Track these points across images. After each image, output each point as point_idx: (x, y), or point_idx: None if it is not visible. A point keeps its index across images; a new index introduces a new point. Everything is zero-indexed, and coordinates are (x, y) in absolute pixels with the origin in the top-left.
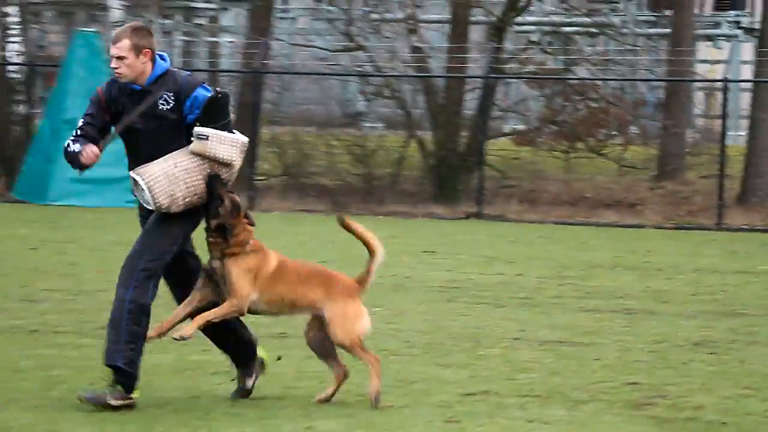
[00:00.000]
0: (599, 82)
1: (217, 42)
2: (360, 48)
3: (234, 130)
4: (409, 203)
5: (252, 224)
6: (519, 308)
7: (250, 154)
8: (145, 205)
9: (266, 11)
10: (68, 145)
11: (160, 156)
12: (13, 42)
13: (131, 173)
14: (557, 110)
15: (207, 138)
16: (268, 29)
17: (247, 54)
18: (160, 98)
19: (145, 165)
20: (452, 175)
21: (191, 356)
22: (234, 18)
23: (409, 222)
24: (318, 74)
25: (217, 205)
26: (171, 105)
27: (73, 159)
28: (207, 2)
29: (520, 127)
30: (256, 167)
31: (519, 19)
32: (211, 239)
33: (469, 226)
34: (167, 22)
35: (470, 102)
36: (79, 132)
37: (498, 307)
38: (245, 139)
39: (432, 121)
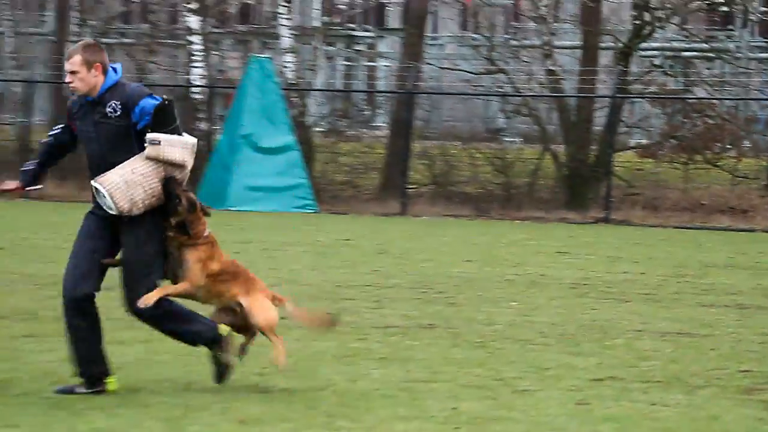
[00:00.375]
0: (715, 102)
1: (374, 66)
2: (501, 71)
3: (183, 133)
4: (544, 209)
5: (207, 214)
6: (642, 303)
7: (403, 165)
8: (108, 211)
9: (418, 39)
10: (46, 141)
11: (114, 159)
12: (197, 67)
13: (92, 182)
14: (677, 126)
15: (159, 143)
16: (419, 54)
17: (401, 76)
18: (108, 107)
19: (105, 174)
20: (583, 184)
21: (351, 344)
22: (390, 44)
23: (544, 226)
24: (463, 94)
25: (176, 204)
26: (119, 113)
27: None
28: (366, 31)
29: (644, 141)
30: (408, 177)
31: (643, 44)
32: (171, 234)
33: (598, 230)
34: (331, 48)
35: (599, 119)
36: (51, 132)
37: (623, 302)
38: (194, 140)
39: (565, 136)
